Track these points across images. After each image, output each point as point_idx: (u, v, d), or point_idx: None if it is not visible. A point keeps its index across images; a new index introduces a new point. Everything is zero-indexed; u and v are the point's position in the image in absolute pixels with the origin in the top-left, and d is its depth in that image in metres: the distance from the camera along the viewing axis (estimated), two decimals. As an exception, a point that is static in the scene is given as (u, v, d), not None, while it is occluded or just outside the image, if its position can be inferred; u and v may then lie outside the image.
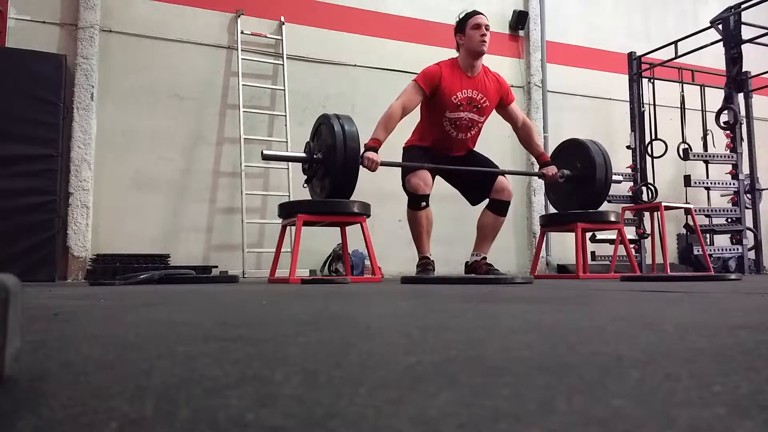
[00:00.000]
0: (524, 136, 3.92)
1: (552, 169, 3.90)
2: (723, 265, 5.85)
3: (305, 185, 3.68)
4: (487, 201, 3.74)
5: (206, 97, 5.24)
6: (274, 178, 5.37)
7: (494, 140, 5.71)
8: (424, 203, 3.46)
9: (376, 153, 3.40)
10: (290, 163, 5.26)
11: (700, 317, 0.99)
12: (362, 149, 3.38)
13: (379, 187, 5.49)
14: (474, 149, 3.79)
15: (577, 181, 4.01)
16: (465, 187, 3.81)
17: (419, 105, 3.59)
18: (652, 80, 6.08)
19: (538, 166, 4.06)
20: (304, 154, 3.56)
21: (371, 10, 5.85)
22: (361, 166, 3.36)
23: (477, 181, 3.70)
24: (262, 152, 3.52)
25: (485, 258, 3.72)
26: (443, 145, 3.65)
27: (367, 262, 4.58)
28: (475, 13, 3.61)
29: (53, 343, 0.72)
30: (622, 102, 6.52)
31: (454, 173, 3.73)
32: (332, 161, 3.26)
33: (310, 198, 3.81)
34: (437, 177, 3.70)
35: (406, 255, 5.31)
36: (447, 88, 3.51)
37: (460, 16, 3.64)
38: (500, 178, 3.67)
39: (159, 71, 5.09)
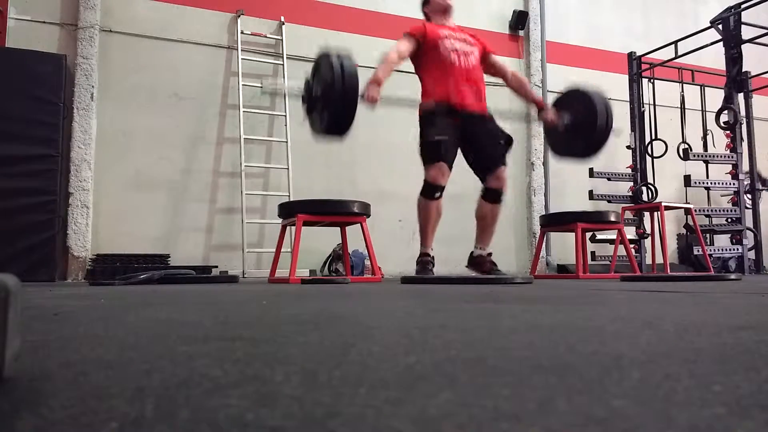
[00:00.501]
0: (516, 85, 3.93)
1: (551, 113, 3.85)
2: (723, 265, 5.85)
3: (305, 119, 3.62)
4: (482, 191, 3.69)
5: (206, 97, 5.24)
6: (274, 178, 5.37)
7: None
8: (438, 194, 3.46)
9: (377, 89, 3.40)
10: (291, 164, 5.27)
11: (700, 317, 0.99)
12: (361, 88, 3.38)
13: (379, 187, 5.50)
14: (493, 125, 3.70)
15: (577, 127, 3.94)
16: (477, 158, 3.71)
17: (415, 55, 3.64)
18: (652, 80, 6.08)
19: (538, 115, 4.00)
20: (303, 91, 3.51)
21: (371, 10, 5.85)
22: (360, 102, 3.34)
23: (487, 154, 3.65)
24: (261, 84, 3.49)
25: (491, 254, 3.70)
26: (453, 83, 3.58)
27: (367, 262, 4.58)
28: None
29: (53, 343, 0.72)
30: (622, 102, 6.51)
31: (471, 139, 3.63)
32: (331, 95, 3.25)
33: (309, 198, 3.81)
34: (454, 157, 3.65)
35: (406, 255, 5.31)
36: (433, 30, 3.64)
37: None
38: (501, 167, 3.63)
39: (159, 71, 5.09)
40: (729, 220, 5.68)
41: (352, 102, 3.20)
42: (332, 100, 3.21)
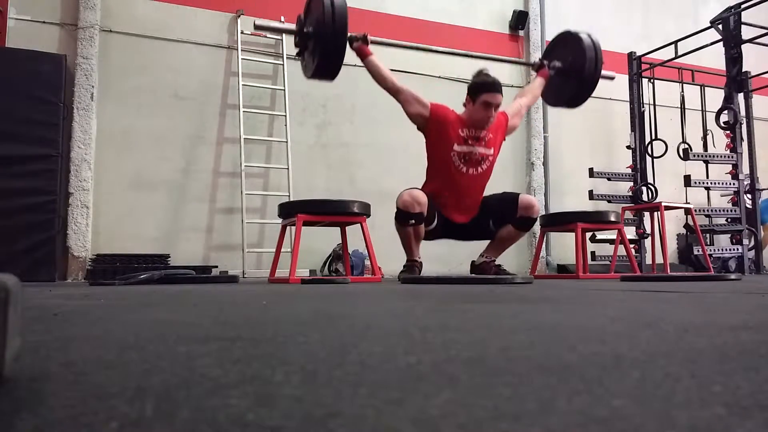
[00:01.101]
0: (529, 99, 3.95)
1: (544, 71, 3.95)
2: (723, 265, 5.85)
3: (297, 57, 3.63)
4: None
5: (206, 97, 5.24)
6: (274, 178, 5.37)
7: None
8: (413, 221, 3.34)
9: (367, 46, 3.43)
10: (291, 164, 5.27)
11: (700, 317, 0.99)
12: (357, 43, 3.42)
13: (379, 187, 5.49)
14: (484, 201, 3.64)
15: (567, 73, 3.98)
16: (483, 233, 3.66)
17: (421, 128, 3.52)
18: (652, 80, 6.08)
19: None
20: (294, 27, 3.52)
21: (371, 10, 5.84)
22: (349, 48, 3.37)
23: (496, 218, 3.59)
24: (254, 23, 3.51)
25: (494, 260, 3.70)
26: (454, 198, 3.50)
27: (367, 262, 4.58)
28: (491, 89, 3.38)
29: (53, 343, 0.72)
30: (622, 102, 6.52)
31: (468, 229, 3.61)
32: (321, 35, 3.27)
33: (309, 198, 3.80)
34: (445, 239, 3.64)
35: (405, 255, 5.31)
36: (449, 127, 3.45)
37: (476, 81, 3.45)
38: (522, 197, 3.55)
39: (159, 71, 5.09)
40: (729, 220, 5.68)
41: (341, 47, 3.22)
42: (322, 42, 3.22)
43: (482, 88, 3.39)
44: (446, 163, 3.47)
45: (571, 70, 3.91)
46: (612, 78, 4.21)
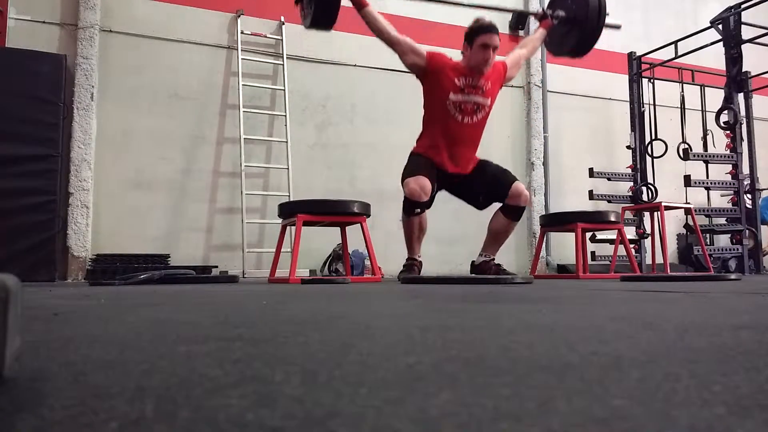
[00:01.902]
0: (528, 50, 3.96)
1: (546, 22, 3.92)
2: (723, 265, 5.85)
3: (296, 4, 3.61)
4: (502, 205, 3.65)
5: (206, 97, 5.24)
6: (274, 178, 5.37)
7: (494, 140, 5.72)
8: (418, 210, 3.38)
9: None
10: (291, 164, 5.27)
11: (700, 317, 0.99)
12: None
13: (379, 187, 5.49)
14: (484, 162, 3.68)
15: (570, 23, 3.95)
16: (471, 197, 3.72)
17: (419, 76, 3.56)
18: (652, 80, 6.08)
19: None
20: None
21: (371, 10, 5.84)
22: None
23: (487, 191, 3.63)
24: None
25: (494, 259, 3.70)
26: (450, 147, 3.53)
27: (367, 262, 4.58)
28: (488, 30, 3.45)
29: (53, 343, 0.72)
30: (622, 102, 6.52)
31: (460, 186, 3.65)
32: None
33: (309, 198, 3.80)
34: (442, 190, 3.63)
35: (406, 255, 5.31)
36: (447, 74, 3.47)
37: (473, 26, 3.51)
38: (516, 183, 3.57)
39: (159, 71, 5.09)
40: (729, 220, 5.67)
41: None
42: None
43: (479, 30, 3.46)
44: (442, 112, 3.50)
45: (575, 18, 3.89)
46: (618, 27, 4.18)
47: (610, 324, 0.89)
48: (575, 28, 3.94)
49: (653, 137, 6.02)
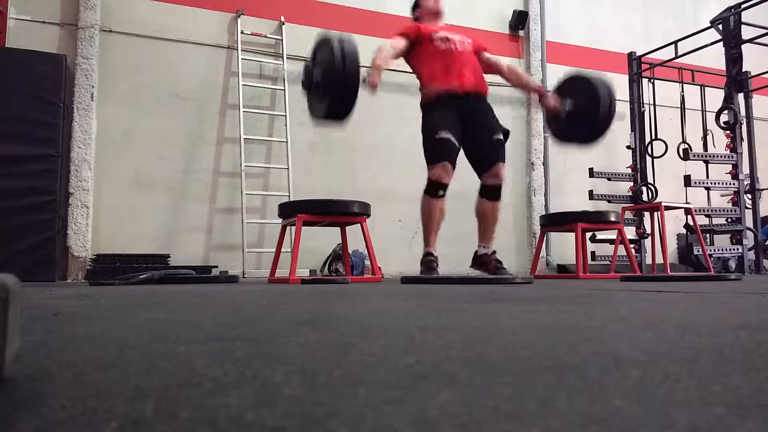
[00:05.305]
0: (514, 78, 3.93)
1: (552, 99, 3.78)
2: (723, 265, 5.85)
3: (304, 92, 3.59)
4: (479, 188, 3.67)
5: (206, 97, 5.24)
6: (274, 178, 5.37)
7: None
8: (441, 192, 3.45)
9: (378, 74, 3.43)
10: (291, 164, 5.27)
11: (700, 317, 0.99)
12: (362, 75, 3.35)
13: (379, 187, 5.50)
14: (494, 119, 3.68)
15: (579, 114, 3.82)
16: (474, 151, 3.68)
17: (409, 54, 3.66)
18: (652, 80, 6.08)
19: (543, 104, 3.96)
20: (303, 76, 3.49)
21: (371, 10, 5.85)
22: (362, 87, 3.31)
23: (485, 149, 3.64)
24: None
25: (495, 252, 3.69)
26: (453, 67, 3.58)
27: (367, 262, 4.58)
28: None
29: (53, 343, 0.72)
30: (622, 102, 6.50)
31: (470, 127, 3.60)
32: (332, 79, 3.20)
33: (309, 198, 3.80)
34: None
35: (406, 255, 5.31)
36: (426, 27, 3.65)
37: None
38: (499, 164, 3.61)
39: (159, 71, 5.09)
40: (729, 220, 5.68)
41: (354, 87, 3.16)
42: (333, 84, 3.17)
43: None
44: (434, 51, 3.59)
45: (584, 112, 3.78)
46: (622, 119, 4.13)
47: (610, 324, 0.89)
48: (583, 119, 3.76)
49: (653, 137, 6.02)
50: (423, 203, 3.51)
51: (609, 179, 6.04)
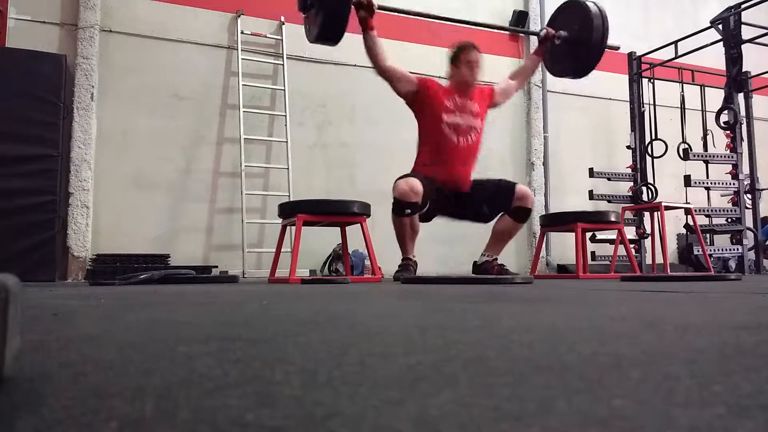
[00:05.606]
0: (522, 79, 4.05)
1: (548, 30, 3.91)
2: (723, 265, 5.84)
3: (301, 11, 3.61)
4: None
5: (206, 97, 5.24)
6: (274, 178, 5.37)
7: (494, 140, 5.72)
8: (408, 211, 3.37)
9: (371, 18, 3.45)
10: (291, 164, 5.27)
11: (700, 317, 0.99)
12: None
13: (379, 187, 5.49)
14: (479, 179, 3.70)
15: (573, 43, 3.90)
16: (476, 212, 3.72)
17: (411, 103, 3.62)
18: (652, 80, 6.08)
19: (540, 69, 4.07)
20: None
21: (371, 10, 5.84)
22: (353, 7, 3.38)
23: (491, 200, 3.64)
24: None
25: (497, 259, 3.70)
26: (448, 166, 3.54)
27: (367, 262, 4.58)
28: (469, 48, 3.60)
29: (53, 343, 0.72)
30: (622, 102, 6.52)
31: (462, 204, 3.65)
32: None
33: (309, 198, 3.80)
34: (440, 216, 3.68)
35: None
36: (438, 96, 3.56)
37: (456, 47, 3.65)
38: (519, 186, 3.61)
39: (159, 71, 5.09)
40: (729, 220, 5.67)
41: (345, 2, 3.20)
42: (326, 1, 3.21)
43: (461, 50, 3.61)
44: (438, 134, 3.55)
45: (577, 39, 3.86)
46: (617, 48, 4.16)
47: (610, 324, 0.89)
48: (576, 49, 3.88)
49: (653, 137, 6.02)
50: (393, 221, 3.49)
51: (609, 179, 6.04)
